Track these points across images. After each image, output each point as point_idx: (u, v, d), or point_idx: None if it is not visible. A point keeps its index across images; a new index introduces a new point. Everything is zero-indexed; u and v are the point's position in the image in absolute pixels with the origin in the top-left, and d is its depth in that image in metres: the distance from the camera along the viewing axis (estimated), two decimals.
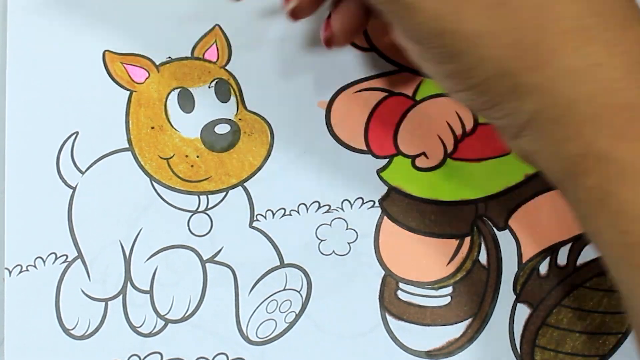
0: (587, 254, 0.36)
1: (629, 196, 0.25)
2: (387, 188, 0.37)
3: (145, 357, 0.35)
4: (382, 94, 0.38)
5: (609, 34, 0.25)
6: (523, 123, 0.27)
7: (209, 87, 0.38)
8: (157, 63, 0.39)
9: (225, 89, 0.38)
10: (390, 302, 0.36)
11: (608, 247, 0.26)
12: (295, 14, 0.34)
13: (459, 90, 0.28)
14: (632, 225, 0.25)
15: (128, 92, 0.38)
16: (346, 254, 0.36)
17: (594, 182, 0.26)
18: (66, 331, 0.35)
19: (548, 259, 0.36)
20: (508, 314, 0.36)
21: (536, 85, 0.26)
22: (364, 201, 0.37)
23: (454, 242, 0.36)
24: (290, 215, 0.37)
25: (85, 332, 0.35)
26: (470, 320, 0.36)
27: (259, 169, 0.37)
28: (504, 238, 0.36)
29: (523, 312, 0.36)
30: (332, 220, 0.37)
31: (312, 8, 0.34)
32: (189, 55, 0.39)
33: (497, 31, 0.26)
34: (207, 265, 0.36)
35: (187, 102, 0.38)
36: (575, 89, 0.25)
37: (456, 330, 0.36)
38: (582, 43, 0.25)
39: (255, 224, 0.37)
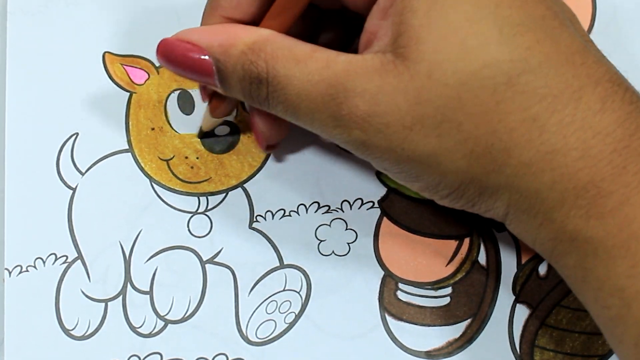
0: None
1: (603, 272, 0.26)
2: (386, 189, 0.37)
3: (145, 358, 0.35)
4: None
5: (559, 115, 0.25)
6: (501, 216, 0.28)
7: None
8: (157, 65, 0.39)
9: None
10: (390, 303, 0.36)
11: (597, 320, 0.27)
12: (270, 148, 0.35)
13: (438, 199, 0.29)
14: (610, 299, 0.26)
15: (128, 94, 0.38)
16: (346, 255, 0.36)
17: (574, 262, 0.27)
18: (66, 332, 0.35)
19: None
20: (507, 314, 0.36)
21: (501, 185, 0.27)
22: (364, 202, 0.37)
23: (454, 243, 0.36)
24: (289, 216, 0.37)
25: (85, 333, 0.35)
26: (469, 320, 0.36)
27: (259, 170, 0.37)
28: (503, 239, 0.36)
29: (522, 312, 0.36)
30: (332, 220, 0.37)
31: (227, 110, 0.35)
32: None
33: (448, 147, 0.26)
34: (207, 266, 0.36)
35: (187, 104, 0.38)
36: (537, 180, 0.26)
37: (456, 330, 0.36)
38: (534, 135, 0.26)
39: (254, 224, 0.37)
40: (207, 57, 0.29)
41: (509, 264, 0.36)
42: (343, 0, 0.31)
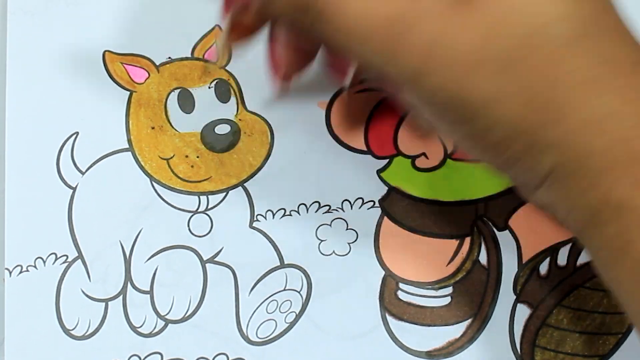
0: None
1: None
2: (387, 188, 0.37)
3: (145, 358, 0.35)
4: (382, 94, 0.38)
5: (620, 82, 0.25)
6: (542, 177, 0.27)
7: (209, 88, 0.38)
8: (157, 63, 0.39)
9: (226, 89, 0.38)
10: (391, 302, 0.36)
11: (629, 296, 0.26)
12: (287, 76, 0.34)
13: (476, 151, 0.28)
14: None
15: (128, 93, 0.38)
16: (346, 254, 0.36)
17: (614, 231, 0.26)
18: (66, 331, 0.35)
19: (548, 259, 0.36)
20: (508, 314, 0.36)
21: (552, 141, 0.26)
22: (364, 201, 0.37)
23: (454, 243, 0.36)
24: (290, 215, 0.37)
25: (86, 333, 0.35)
26: (470, 320, 0.36)
27: (259, 169, 0.37)
28: (504, 238, 0.36)
29: (523, 312, 0.36)
30: (332, 220, 0.37)
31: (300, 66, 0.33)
32: (189, 55, 0.39)
33: (507, 94, 0.25)
34: (207, 265, 0.36)
35: (187, 103, 0.38)
36: (591, 141, 0.25)
37: (456, 330, 0.36)
38: (594, 94, 0.25)
39: (255, 224, 0.37)
40: None
41: (509, 263, 0.36)
42: None
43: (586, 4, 0.25)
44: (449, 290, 0.36)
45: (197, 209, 0.37)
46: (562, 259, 0.36)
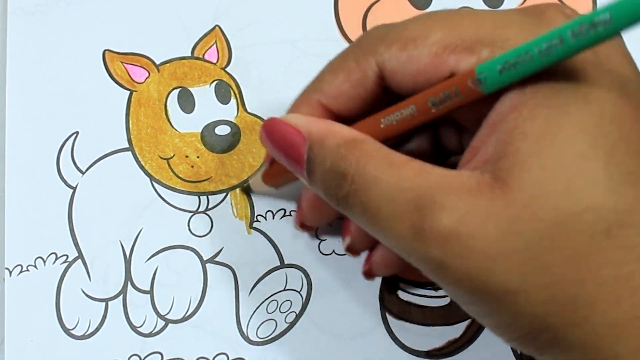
0: None
1: None
2: None
3: (145, 357, 0.35)
4: None
5: None
6: None
7: (209, 87, 0.38)
8: (157, 63, 0.39)
9: (226, 90, 0.39)
10: (391, 302, 0.36)
11: None
12: (352, 250, 0.34)
13: (504, 338, 0.27)
14: None
15: (128, 92, 0.38)
16: (346, 254, 0.36)
17: None
18: (66, 331, 0.35)
19: None
20: None
21: (577, 341, 0.24)
22: None
23: None
24: (290, 215, 0.37)
25: (86, 332, 0.35)
26: (470, 320, 0.36)
27: (259, 170, 0.37)
28: None
29: None
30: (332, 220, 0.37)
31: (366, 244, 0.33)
32: (189, 55, 0.39)
33: (530, 288, 0.24)
34: (208, 265, 0.36)
35: (187, 102, 0.38)
36: (619, 344, 0.24)
37: (456, 330, 0.36)
38: (625, 294, 0.24)
39: (255, 224, 0.37)
40: (303, 146, 0.29)
41: None
42: (451, 113, 0.29)
43: (622, 193, 0.24)
44: None
45: (197, 209, 0.37)
46: None
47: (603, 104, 0.24)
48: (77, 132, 0.38)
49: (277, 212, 0.37)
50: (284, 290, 0.36)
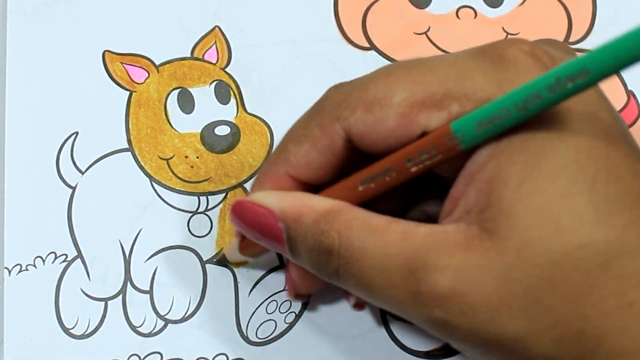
0: None
1: None
2: None
3: (145, 357, 0.35)
4: None
5: None
6: None
7: (209, 87, 0.38)
8: (157, 63, 0.39)
9: (225, 91, 0.39)
10: None
11: None
12: (360, 306, 0.34)
13: None
14: None
15: (128, 93, 0.38)
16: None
17: None
18: (66, 330, 0.35)
19: None
20: None
21: None
22: None
23: None
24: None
25: (85, 332, 0.35)
26: None
27: (259, 170, 0.37)
28: None
29: None
30: None
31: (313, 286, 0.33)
32: (189, 55, 0.39)
33: (537, 331, 0.24)
34: (207, 265, 0.36)
35: (187, 102, 0.38)
36: None
37: None
38: (629, 322, 0.24)
39: None
40: (279, 225, 0.28)
41: None
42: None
43: (611, 224, 0.24)
44: None
45: (197, 209, 0.37)
46: None
47: (577, 140, 0.25)
48: (76, 133, 0.38)
49: None
50: (284, 290, 0.36)
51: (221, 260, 0.36)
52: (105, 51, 0.39)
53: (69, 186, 0.37)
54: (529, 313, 0.24)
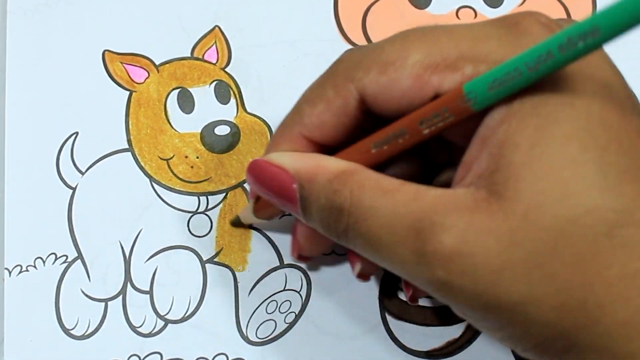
0: None
1: None
2: None
3: (145, 358, 0.35)
4: None
5: None
6: None
7: (209, 87, 0.38)
8: (157, 63, 0.39)
9: (225, 91, 0.39)
10: (390, 302, 0.36)
11: None
12: (364, 276, 0.33)
13: (519, 350, 0.27)
14: None
15: (128, 92, 0.38)
16: (346, 254, 0.36)
17: None
18: (66, 331, 0.35)
19: None
20: None
21: (590, 344, 0.24)
22: None
23: None
24: (290, 215, 0.37)
25: (85, 332, 0.35)
26: None
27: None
28: None
29: None
30: None
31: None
32: (189, 55, 0.39)
33: (539, 296, 0.24)
34: (207, 265, 0.36)
35: (186, 102, 0.38)
36: (632, 342, 0.24)
37: (456, 330, 0.35)
38: (633, 293, 0.23)
39: (255, 224, 0.37)
40: (293, 185, 0.28)
41: None
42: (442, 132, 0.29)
43: (620, 193, 0.24)
44: None
45: (197, 209, 0.37)
46: None
47: (589, 108, 0.25)
48: (76, 133, 0.38)
49: None
50: (284, 290, 0.36)
51: (235, 223, 0.36)
52: (105, 51, 0.39)
53: (69, 187, 0.37)
54: (532, 278, 0.24)
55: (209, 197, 0.37)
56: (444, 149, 0.31)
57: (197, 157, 0.37)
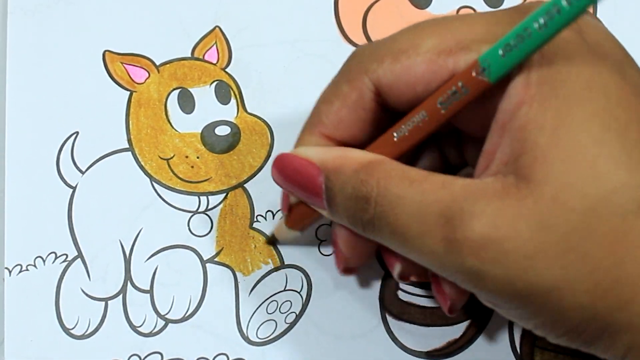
0: None
1: None
2: None
3: (145, 357, 0.35)
4: None
5: None
6: (622, 354, 0.25)
7: (209, 87, 0.38)
8: (157, 63, 0.39)
9: (226, 91, 0.39)
10: (391, 302, 0.36)
11: None
12: (347, 270, 0.33)
13: (551, 337, 0.27)
14: None
15: (128, 93, 0.38)
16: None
17: None
18: (66, 330, 0.35)
19: None
20: None
21: (625, 324, 0.24)
22: None
23: None
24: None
25: (86, 332, 0.35)
26: (470, 320, 0.36)
27: (259, 170, 0.37)
28: None
29: None
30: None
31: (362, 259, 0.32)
32: (189, 55, 0.39)
33: (572, 279, 0.24)
34: (208, 265, 0.36)
35: (187, 102, 0.38)
36: None
37: (456, 330, 0.35)
38: None
39: (255, 224, 0.37)
40: (320, 178, 0.28)
41: None
42: (456, 122, 0.29)
43: None
44: None
45: (197, 209, 0.37)
46: None
47: (606, 89, 0.25)
48: (77, 132, 0.38)
49: (277, 212, 0.37)
50: (284, 290, 0.36)
51: (271, 241, 0.36)
52: (105, 51, 0.39)
53: (69, 186, 0.37)
54: (565, 260, 0.24)
55: (209, 197, 0.37)
56: (457, 148, 0.31)
57: (198, 157, 0.37)
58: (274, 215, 0.37)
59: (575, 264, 0.24)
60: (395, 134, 0.28)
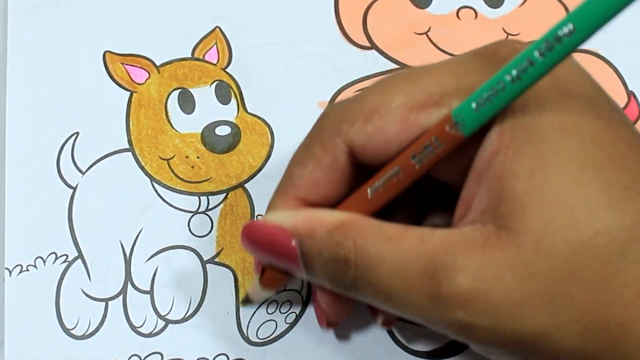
0: None
1: None
2: None
3: (145, 358, 0.35)
4: None
5: None
6: None
7: (210, 87, 0.38)
8: (158, 64, 0.39)
9: (226, 91, 0.39)
10: None
11: None
12: (388, 323, 0.33)
13: None
14: None
15: (128, 93, 0.38)
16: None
17: None
18: (66, 331, 0.35)
19: None
20: None
21: None
22: None
23: None
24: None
25: (86, 332, 0.35)
26: None
27: (260, 170, 0.37)
28: None
29: None
30: None
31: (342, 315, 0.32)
32: (189, 56, 0.39)
33: (562, 324, 0.24)
34: (208, 266, 0.36)
35: (187, 103, 0.38)
36: None
37: None
38: None
39: None
40: (292, 242, 0.28)
41: None
42: (432, 172, 0.28)
43: (626, 209, 0.24)
44: None
45: (198, 209, 0.37)
46: None
47: (580, 129, 0.25)
48: (77, 133, 0.38)
49: None
50: (284, 290, 0.36)
51: (246, 302, 0.35)
52: (105, 51, 0.39)
53: (70, 186, 0.37)
54: (553, 307, 0.24)
55: (209, 197, 0.37)
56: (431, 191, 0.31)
57: (198, 157, 0.37)
58: None
59: (563, 309, 0.24)
60: (369, 190, 0.28)
